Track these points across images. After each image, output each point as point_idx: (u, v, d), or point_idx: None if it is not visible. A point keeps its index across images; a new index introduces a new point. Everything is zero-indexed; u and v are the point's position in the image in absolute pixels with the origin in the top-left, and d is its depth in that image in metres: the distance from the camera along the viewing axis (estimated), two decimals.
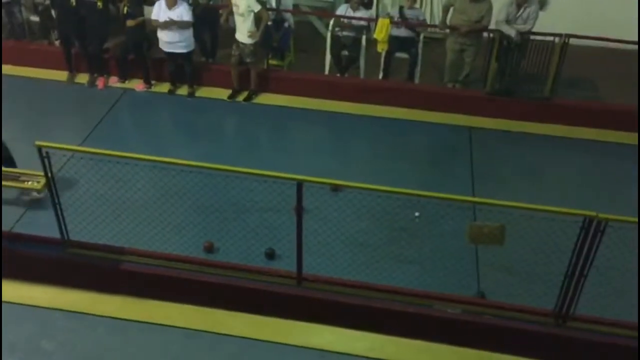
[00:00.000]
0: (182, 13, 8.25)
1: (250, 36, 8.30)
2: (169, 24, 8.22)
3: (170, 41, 8.42)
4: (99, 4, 8.39)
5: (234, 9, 8.24)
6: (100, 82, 9.01)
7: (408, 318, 5.60)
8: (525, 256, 6.18)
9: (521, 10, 8.24)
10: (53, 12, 9.49)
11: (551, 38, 8.29)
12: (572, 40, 8.13)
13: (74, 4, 8.34)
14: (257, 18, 8.25)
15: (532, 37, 8.38)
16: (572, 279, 5.25)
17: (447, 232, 6.40)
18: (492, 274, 6.15)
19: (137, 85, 8.96)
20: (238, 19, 8.27)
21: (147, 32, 8.72)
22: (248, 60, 8.56)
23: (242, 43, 8.39)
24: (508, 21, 8.27)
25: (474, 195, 7.11)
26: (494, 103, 8.60)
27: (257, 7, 8.17)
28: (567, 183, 7.57)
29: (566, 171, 7.83)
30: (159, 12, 8.28)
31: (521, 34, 8.26)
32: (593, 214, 4.86)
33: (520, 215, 5.10)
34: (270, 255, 6.23)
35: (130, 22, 8.43)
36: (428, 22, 9.85)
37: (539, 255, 6.11)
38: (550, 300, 5.48)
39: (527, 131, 8.43)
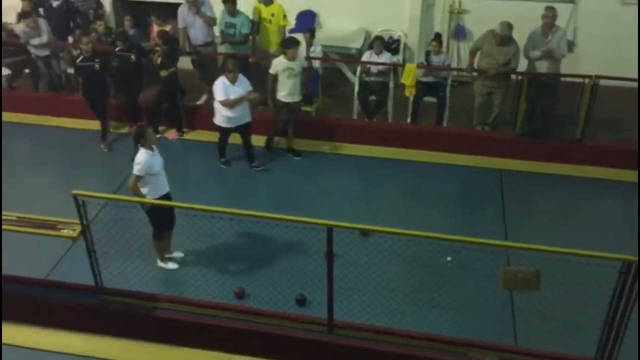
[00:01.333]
0: (246, 85, 8.03)
1: (300, 95, 8.38)
2: (244, 99, 7.98)
3: (237, 115, 8.04)
4: (132, 57, 8.65)
5: (286, 73, 8.05)
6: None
7: None
8: (562, 301, 6.03)
9: (549, 37, 8.24)
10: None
11: (581, 79, 8.27)
12: (602, 81, 8.08)
13: (98, 68, 8.46)
14: None
15: (562, 78, 8.37)
16: (613, 325, 5.09)
17: (481, 276, 6.30)
18: (528, 320, 6.01)
19: (171, 133, 9.15)
20: (290, 81, 8.13)
21: (179, 82, 8.96)
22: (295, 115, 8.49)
23: (293, 102, 8.32)
24: (536, 49, 8.31)
25: (506, 239, 7.01)
26: (524, 145, 8.54)
27: (305, 63, 8.35)
28: (601, 225, 7.41)
29: (600, 213, 7.68)
30: (226, 90, 7.86)
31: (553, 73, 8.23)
32: (633, 258, 4.74)
33: (556, 259, 5.00)
34: (301, 301, 6.19)
35: (163, 73, 8.67)
36: (455, 65, 9.96)
37: (576, 300, 5.94)
38: (590, 348, 5.31)
39: (558, 173, 8.33)
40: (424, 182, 8.27)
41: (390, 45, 9.92)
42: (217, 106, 8.04)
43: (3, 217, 5.91)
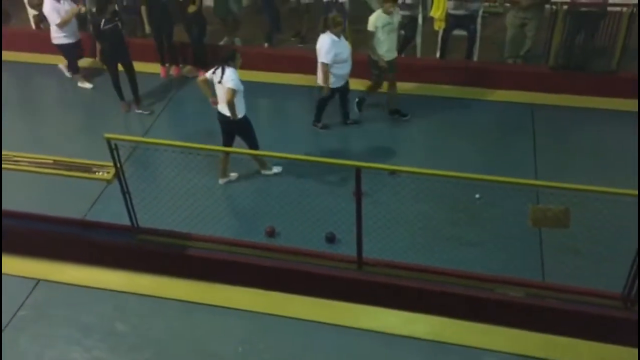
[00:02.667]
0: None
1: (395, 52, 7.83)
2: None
3: (346, 72, 7.62)
4: None
5: (386, 29, 7.50)
6: (175, 71, 9.32)
7: (469, 301, 5.57)
8: (592, 238, 6.02)
9: None
10: (115, 6, 9.75)
11: (618, 9, 7.93)
12: None
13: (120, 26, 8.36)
14: None
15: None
16: None
17: (509, 213, 6.31)
18: (556, 256, 6.04)
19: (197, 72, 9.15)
20: (391, 37, 7.63)
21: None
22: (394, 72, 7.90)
23: (394, 58, 7.81)
24: None
25: (536, 176, 6.97)
26: (557, 78, 8.34)
27: (400, 16, 7.84)
28: (635, 161, 7.29)
29: (634, 148, 7.53)
30: (335, 47, 7.36)
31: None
32: None
33: (586, 196, 4.97)
34: (331, 239, 6.31)
35: (191, 8, 8.60)
36: None
37: (606, 236, 5.93)
38: (619, 283, 5.34)
39: (592, 106, 8.15)
40: (454, 118, 8.17)
41: None
42: (324, 68, 7.41)
43: (39, 161, 6.06)
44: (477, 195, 6.70)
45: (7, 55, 9.57)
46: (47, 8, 8.53)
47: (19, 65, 9.63)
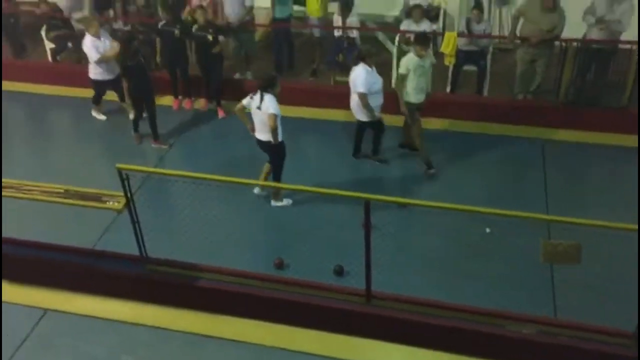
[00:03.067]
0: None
1: (427, 95, 7.59)
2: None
3: (379, 104, 7.53)
4: (176, 32, 8.72)
5: (418, 71, 7.28)
6: (187, 104, 9.43)
7: (480, 338, 5.48)
8: (604, 274, 5.95)
9: (614, 6, 7.88)
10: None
11: (628, 46, 7.98)
12: None
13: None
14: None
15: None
16: None
17: (520, 248, 6.26)
18: (568, 292, 5.96)
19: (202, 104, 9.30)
20: (422, 80, 7.41)
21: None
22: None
23: (420, 103, 7.56)
24: (595, 16, 7.97)
25: (548, 211, 6.92)
26: (568, 114, 8.34)
27: (434, 59, 7.54)
28: None
29: None
30: (370, 79, 7.30)
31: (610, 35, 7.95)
32: None
33: (598, 232, 4.93)
34: (339, 272, 6.27)
35: (217, 49, 8.74)
36: (496, 32, 9.72)
37: (618, 274, 5.86)
38: (631, 322, 5.24)
39: (603, 142, 8.13)
40: (464, 153, 8.17)
41: (430, 12, 9.72)
42: (358, 99, 7.37)
43: (50, 190, 6.12)
44: (487, 230, 6.65)
45: (24, 86, 9.75)
46: (87, 44, 8.47)
47: (35, 96, 9.80)
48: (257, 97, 6.61)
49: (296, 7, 9.77)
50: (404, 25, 8.95)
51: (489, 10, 9.84)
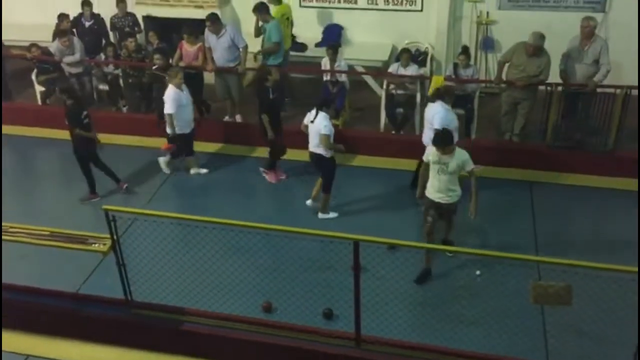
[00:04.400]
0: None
1: (451, 196, 6.55)
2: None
3: None
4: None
5: (436, 167, 6.45)
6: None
7: None
8: (595, 317, 5.89)
9: (587, 47, 8.09)
10: (121, 81, 10.07)
11: (612, 90, 8.13)
12: (635, 91, 7.94)
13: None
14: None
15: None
16: None
17: (511, 290, 6.19)
18: (560, 336, 5.88)
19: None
20: (441, 178, 6.45)
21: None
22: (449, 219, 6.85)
23: (445, 204, 6.58)
24: (570, 57, 8.18)
25: (537, 252, 6.90)
26: (555, 156, 8.43)
27: (470, 166, 6.46)
28: (635, 239, 7.24)
29: (633, 226, 7.50)
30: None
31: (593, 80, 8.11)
32: None
33: (587, 273, 4.90)
34: (328, 315, 6.18)
35: None
36: (483, 76, 9.89)
37: (610, 316, 5.80)
38: None
39: (590, 185, 8.18)
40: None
41: (418, 57, 9.91)
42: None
43: (36, 232, 6.03)
44: (477, 272, 6.62)
45: (13, 129, 9.72)
46: (169, 95, 8.20)
47: (24, 139, 9.77)
48: (313, 113, 7.36)
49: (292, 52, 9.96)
50: (392, 69, 9.10)
51: (476, 55, 10.04)
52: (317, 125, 7.29)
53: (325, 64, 9.24)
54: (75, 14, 10.36)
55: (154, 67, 8.95)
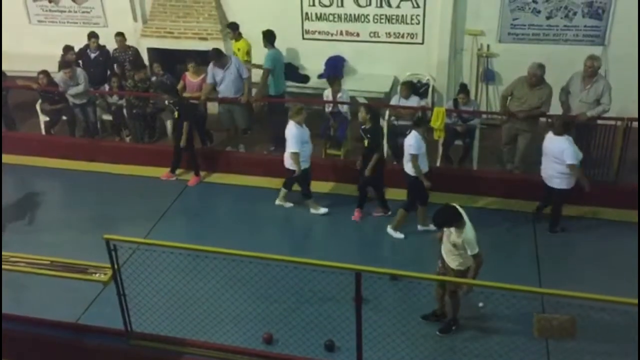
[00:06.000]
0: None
1: (459, 266, 6.05)
2: None
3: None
4: (176, 114, 8.95)
5: (446, 247, 6.07)
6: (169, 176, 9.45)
7: None
8: (600, 349, 5.82)
9: (588, 86, 8.13)
10: (125, 112, 10.16)
11: (613, 122, 8.17)
12: (635, 123, 7.97)
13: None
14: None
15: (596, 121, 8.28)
16: None
17: (514, 323, 6.14)
18: None
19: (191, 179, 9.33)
20: (453, 258, 6.04)
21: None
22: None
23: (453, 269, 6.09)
24: (570, 93, 8.23)
25: (540, 285, 6.85)
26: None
27: (475, 250, 5.83)
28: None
29: (635, 258, 7.47)
30: None
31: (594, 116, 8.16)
32: None
33: (591, 306, 4.86)
34: (330, 347, 6.11)
35: None
36: (484, 108, 9.95)
37: (615, 349, 5.73)
38: None
39: (593, 216, 8.16)
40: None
41: (419, 89, 9.99)
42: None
43: (36, 261, 6.02)
44: (480, 304, 6.55)
45: (16, 159, 9.77)
46: (293, 133, 8.01)
47: (28, 168, 9.81)
48: (409, 131, 7.55)
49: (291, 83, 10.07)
50: (394, 101, 9.16)
51: (476, 87, 10.12)
52: (406, 143, 7.53)
53: (328, 95, 9.32)
54: (81, 45, 10.49)
55: (167, 102, 8.99)
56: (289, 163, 8.22)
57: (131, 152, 9.90)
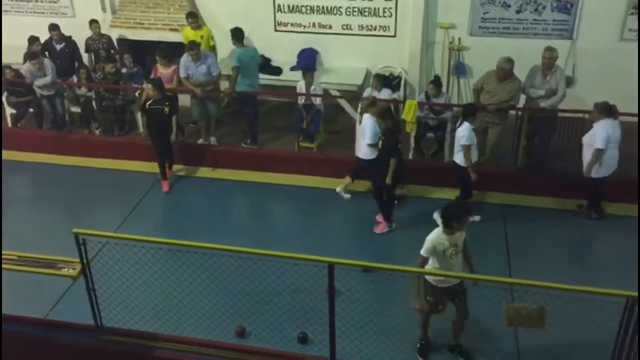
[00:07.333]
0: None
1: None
2: None
3: None
4: (166, 110, 8.59)
5: (449, 251, 5.62)
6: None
7: None
8: (568, 338, 5.93)
9: (548, 77, 8.30)
10: (94, 104, 9.99)
11: (580, 115, 8.31)
12: None
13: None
14: None
15: (560, 114, 8.42)
16: None
17: (485, 313, 6.21)
18: (534, 359, 5.90)
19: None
20: (455, 260, 5.73)
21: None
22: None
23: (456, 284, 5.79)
24: (531, 85, 8.39)
25: (510, 274, 6.95)
26: (526, 179, 8.53)
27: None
28: (607, 261, 7.36)
29: (606, 248, 7.63)
30: None
31: (551, 106, 8.31)
32: (635, 294, 4.68)
33: (559, 295, 4.94)
34: (303, 339, 6.12)
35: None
36: (456, 101, 10.03)
37: (583, 337, 5.85)
38: None
39: (561, 207, 8.29)
40: (426, 218, 8.19)
41: (392, 81, 10.03)
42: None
43: (4, 257, 5.90)
44: None
45: None
46: (369, 123, 7.76)
47: None
48: (459, 122, 7.60)
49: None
50: (366, 93, 9.18)
51: (448, 80, 10.20)
52: (457, 134, 7.56)
53: (301, 87, 9.30)
54: (47, 37, 10.28)
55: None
56: (362, 153, 8.01)
57: (101, 144, 9.76)
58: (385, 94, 9.07)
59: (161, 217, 8.45)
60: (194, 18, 9.89)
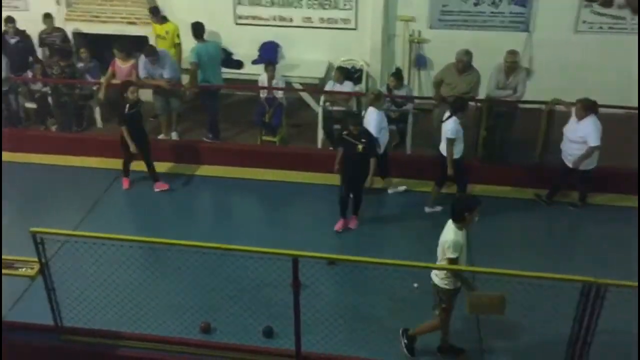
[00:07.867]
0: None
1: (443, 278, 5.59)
2: None
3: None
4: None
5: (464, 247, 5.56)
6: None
7: None
8: (528, 325, 6.08)
9: (510, 78, 8.46)
10: (50, 99, 9.76)
11: (539, 106, 8.49)
12: (559, 107, 8.31)
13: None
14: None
15: (520, 105, 8.59)
16: (576, 347, 5.14)
17: None
18: (495, 345, 6.03)
19: None
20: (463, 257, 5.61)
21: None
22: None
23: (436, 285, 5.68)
24: (498, 88, 8.52)
25: (471, 264, 7.05)
26: (486, 170, 8.68)
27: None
28: (565, 248, 7.56)
29: (564, 236, 7.82)
30: None
31: (511, 102, 8.48)
32: (591, 279, 4.82)
33: (519, 282, 5.06)
34: (268, 333, 6.12)
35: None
36: (416, 93, 10.13)
37: (542, 323, 6.00)
38: None
39: (520, 197, 8.47)
40: (387, 210, 8.30)
41: (353, 74, 10.06)
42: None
43: None
44: (415, 284, 6.69)
45: None
46: (372, 117, 7.79)
47: None
48: (447, 115, 7.51)
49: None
50: (328, 86, 9.20)
51: (409, 73, 10.28)
52: (444, 127, 7.50)
53: (263, 81, 9.25)
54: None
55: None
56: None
57: (58, 141, 9.54)
58: (347, 86, 9.09)
59: (121, 215, 8.31)
60: (153, 13, 9.78)
